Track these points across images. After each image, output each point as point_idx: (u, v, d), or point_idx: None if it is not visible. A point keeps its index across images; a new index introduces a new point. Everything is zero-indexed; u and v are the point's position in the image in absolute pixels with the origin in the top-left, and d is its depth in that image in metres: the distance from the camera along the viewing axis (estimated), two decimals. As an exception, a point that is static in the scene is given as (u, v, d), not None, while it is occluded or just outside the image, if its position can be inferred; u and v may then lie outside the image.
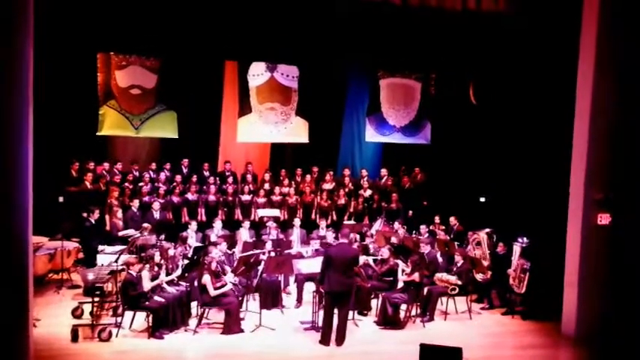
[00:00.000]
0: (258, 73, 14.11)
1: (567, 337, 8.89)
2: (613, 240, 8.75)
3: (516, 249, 10.13)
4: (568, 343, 8.76)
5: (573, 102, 9.04)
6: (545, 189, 11.16)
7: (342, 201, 13.62)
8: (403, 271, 9.49)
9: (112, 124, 13.33)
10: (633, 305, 8.64)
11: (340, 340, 8.30)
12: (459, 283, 9.75)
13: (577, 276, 8.87)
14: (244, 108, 14.09)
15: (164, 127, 13.68)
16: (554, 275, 9.41)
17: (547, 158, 11.13)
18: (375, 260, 10.19)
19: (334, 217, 13.44)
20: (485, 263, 10.61)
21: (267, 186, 13.45)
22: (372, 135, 15.07)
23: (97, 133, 13.29)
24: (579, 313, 8.85)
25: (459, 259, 10.06)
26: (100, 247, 10.11)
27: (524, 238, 10.19)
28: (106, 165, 13.12)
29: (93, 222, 11.26)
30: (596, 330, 8.65)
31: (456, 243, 11.47)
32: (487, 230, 11.07)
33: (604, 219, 8.78)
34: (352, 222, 13.09)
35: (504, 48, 12.50)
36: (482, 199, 14.10)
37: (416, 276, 9.20)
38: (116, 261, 9.04)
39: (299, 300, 10.17)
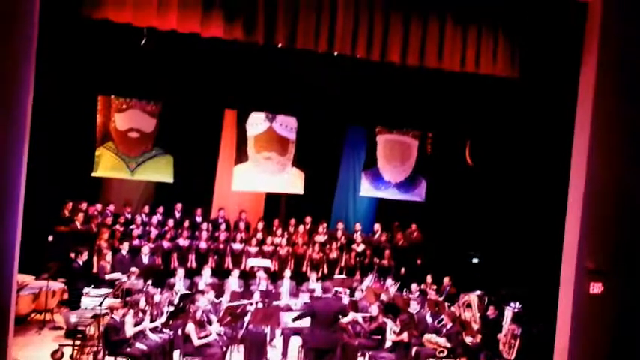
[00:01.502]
0: (256, 123, 14.20)
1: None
2: (605, 309, 8.65)
3: (508, 314, 9.99)
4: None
5: (568, 168, 9.09)
6: (538, 254, 11.12)
7: (334, 254, 13.51)
8: (392, 330, 9.33)
9: (107, 165, 13.32)
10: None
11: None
12: (448, 345, 9.58)
13: (567, 344, 8.72)
14: (241, 156, 14.11)
15: (160, 171, 13.66)
16: (545, 342, 9.27)
17: (541, 223, 11.12)
18: (363, 317, 10.03)
19: (325, 270, 13.30)
20: (475, 326, 10.46)
21: (259, 235, 13.36)
22: (367, 189, 15.09)
23: (92, 174, 13.26)
24: (569, 382, 8.67)
25: (447, 321, 9.91)
26: (86, 290, 9.96)
27: (517, 303, 10.08)
28: (99, 206, 13.05)
29: (81, 263, 11.14)
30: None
31: (446, 304, 11.34)
32: (478, 292, 10.96)
33: (596, 288, 8.70)
34: (343, 276, 12.94)
35: (502, 110, 12.68)
36: (475, 260, 14.03)
37: (405, 336, 9.06)
38: (100, 304, 8.88)
39: (284, 354, 9.95)
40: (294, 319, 8.39)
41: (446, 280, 12.30)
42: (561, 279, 8.95)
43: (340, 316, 8.64)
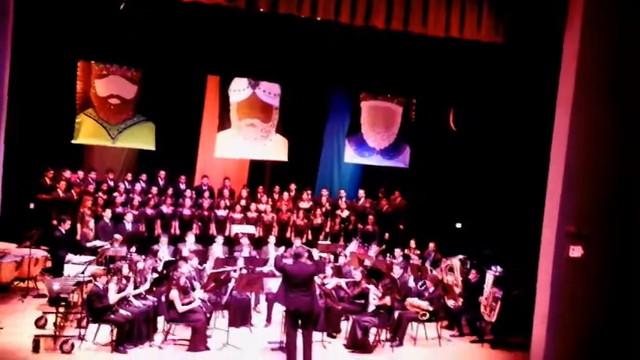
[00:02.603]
0: (239, 89, 14.08)
1: (535, 368, 8.86)
2: (585, 272, 8.79)
3: (489, 277, 10.13)
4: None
5: (550, 133, 9.13)
6: (520, 218, 11.23)
7: (318, 220, 13.56)
8: (375, 295, 9.42)
9: (88, 132, 13.17)
10: (602, 338, 8.67)
11: (308, 361, 8.19)
12: (430, 309, 9.70)
13: (547, 307, 8.87)
14: (224, 123, 14.01)
15: (141, 139, 13.55)
16: (525, 305, 9.42)
17: (523, 188, 11.20)
18: (347, 283, 10.12)
19: (309, 236, 13.36)
20: (457, 290, 10.61)
21: (243, 202, 13.35)
22: (351, 156, 15.09)
23: (73, 141, 13.12)
24: (548, 344, 8.83)
25: (429, 285, 10.02)
26: (68, 257, 9.92)
27: (498, 267, 10.21)
28: (80, 173, 12.95)
29: (63, 231, 11.11)
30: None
31: (430, 269, 11.47)
32: (460, 257, 11.09)
33: (576, 251, 8.81)
34: (327, 242, 13.02)
35: (485, 76, 12.64)
36: (459, 225, 14.15)
37: (387, 300, 9.15)
38: (83, 272, 8.87)
39: (268, 319, 10.05)
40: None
41: (431, 245, 12.41)
42: (542, 242, 9.05)
43: (315, 279, 8.67)
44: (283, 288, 8.25)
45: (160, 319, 8.98)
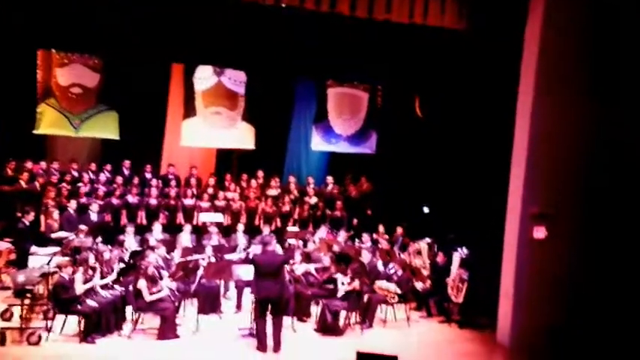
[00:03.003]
0: (204, 77, 13.93)
1: (502, 346, 9.07)
2: (548, 253, 9.00)
3: (456, 259, 10.31)
4: (503, 351, 8.93)
5: (514, 118, 9.29)
6: (485, 201, 11.41)
7: (286, 207, 13.56)
8: (343, 282, 9.47)
9: (50, 122, 12.90)
10: (566, 316, 8.90)
11: (277, 347, 8.24)
12: (399, 291, 9.83)
13: (512, 287, 9.08)
14: (189, 111, 13.87)
15: (105, 128, 13.33)
16: (491, 286, 9.62)
17: (488, 171, 11.38)
18: (316, 268, 10.17)
19: (278, 224, 13.36)
20: (425, 272, 10.77)
21: (210, 190, 13.27)
22: (318, 143, 15.11)
23: (34, 131, 12.85)
24: (514, 322, 9.05)
25: (398, 269, 10.14)
26: (33, 249, 9.76)
27: (464, 249, 10.39)
28: (43, 164, 12.70)
29: (27, 223, 10.89)
30: (530, 339, 8.85)
31: (398, 252, 11.59)
32: (428, 240, 11.24)
33: (540, 232, 9.02)
34: (296, 229, 13.05)
35: (450, 62, 12.76)
36: (426, 210, 14.31)
37: (356, 284, 9.23)
38: (48, 263, 8.75)
39: (238, 306, 10.06)
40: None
41: (399, 230, 12.53)
42: (506, 224, 9.26)
43: (285, 267, 8.73)
44: (254, 276, 8.30)
45: (129, 309, 8.91)
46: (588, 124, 9.05)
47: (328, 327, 9.14)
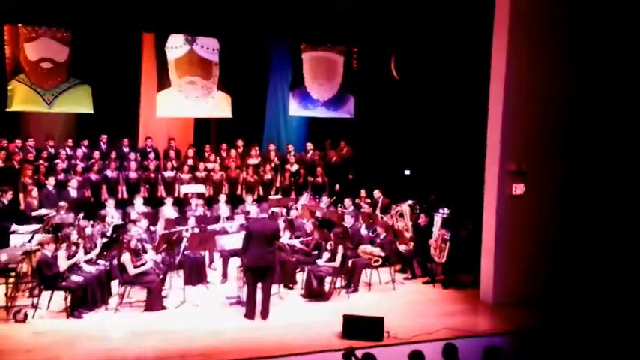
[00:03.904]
0: (176, 46, 13.72)
1: (485, 304, 9.23)
2: (527, 209, 9.14)
3: (437, 220, 10.41)
4: (486, 309, 9.10)
5: (489, 75, 9.31)
6: (464, 161, 11.51)
7: (268, 176, 13.55)
8: (327, 258, 9.51)
9: (22, 99, 12.66)
10: (545, 269, 9.09)
11: (265, 314, 8.31)
12: (383, 254, 9.91)
13: (493, 244, 9.22)
14: (163, 82, 13.67)
15: (78, 102, 13.11)
16: (473, 245, 9.75)
17: (465, 130, 11.45)
18: (300, 242, 10.17)
19: (260, 193, 13.35)
20: (408, 235, 10.87)
21: (190, 162, 13.19)
22: (295, 109, 15.04)
23: (7, 109, 12.61)
24: (496, 280, 9.21)
25: (381, 232, 10.22)
26: (14, 227, 9.67)
27: (445, 209, 10.48)
28: (19, 142, 12.49)
29: (6, 202, 10.74)
30: (513, 296, 9.03)
31: (380, 216, 11.67)
32: (409, 202, 11.32)
33: (518, 189, 9.14)
34: (278, 197, 13.05)
35: (424, 22, 12.70)
36: (407, 172, 14.39)
37: (340, 249, 9.29)
38: (30, 241, 8.69)
39: (224, 275, 10.10)
40: (242, 248, 8.46)
41: (376, 192, 12.57)
42: (485, 182, 9.35)
43: (277, 236, 8.76)
44: (245, 244, 8.33)
45: (114, 283, 8.90)
46: (563, 78, 9.11)
47: (314, 292, 9.22)
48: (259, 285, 8.34)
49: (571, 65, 9.10)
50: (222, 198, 12.04)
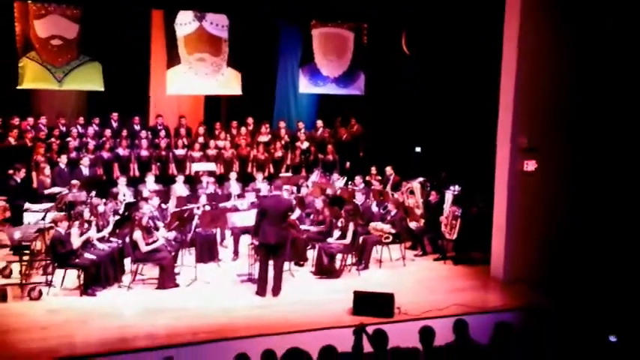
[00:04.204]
0: (185, 22, 13.65)
1: (496, 280, 9.24)
2: (538, 185, 9.09)
3: (448, 196, 10.39)
4: (497, 285, 9.11)
5: (501, 50, 9.20)
6: (475, 137, 11.43)
7: (278, 153, 13.53)
8: (338, 236, 9.54)
9: (33, 76, 12.68)
10: (556, 247, 9.06)
11: (276, 291, 8.37)
12: (393, 231, 9.91)
13: (504, 221, 9.19)
14: (173, 59, 13.64)
15: (89, 80, 13.11)
16: (484, 222, 9.73)
17: (477, 107, 11.34)
18: (313, 220, 10.18)
19: (271, 170, 13.35)
20: (419, 212, 10.87)
21: (201, 140, 13.20)
22: (305, 86, 14.97)
23: (18, 87, 12.64)
24: (507, 256, 9.21)
25: (391, 208, 10.21)
26: (27, 205, 9.76)
27: (456, 186, 10.45)
28: (31, 120, 12.54)
29: (19, 180, 10.85)
30: (524, 272, 9.02)
31: (391, 192, 11.66)
32: (420, 179, 11.29)
33: (530, 165, 9.08)
34: (289, 174, 13.06)
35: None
36: (418, 149, 14.33)
37: (351, 226, 9.30)
38: (43, 219, 8.76)
39: (235, 253, 10.16)
40: (255, 226, 8.51)
41: (388, 169, 12.54)
42: (497, 159, 9.29)
43: (288, 214, 8.78)
44: (258, 221, 8.35)
45: (127, 261, 8.98)
46: (576, 55, 8.99)
47: (325, 269, 9.26)
48: (271, 262, 8.39)
49: (585, 39, 8.96)
50: (233, 175, 12.06)
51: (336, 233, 9.54)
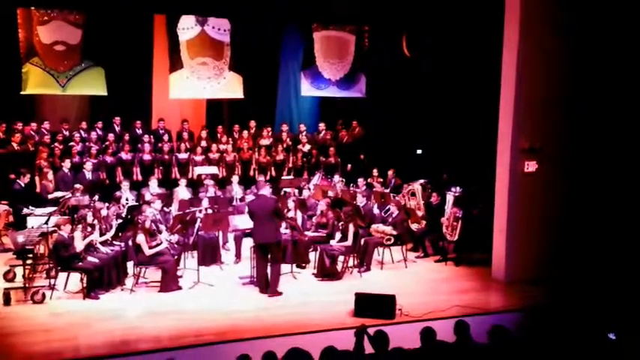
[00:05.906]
0: (187, 27, 13.73)
1: (497, 281, 9.26)
2: (539, 187, 9.11)
3: (449, 198, 10.41)
4: (498, 286, 9.12)
5: (501, 52, 9.23)
6: (475, 139, 11.45)
7: (280, 156, 13.57)
8: (339, 238, 9.58)
9: (36, 82, 12.76)
10: (556, 247, 9.07)
11: (270, 291, 8.43)
12: (395, 233, 9.95)
13: (505, 222, 9.21)
14: (175, 63, 13.72)
15: (92, 85, 13.19)
16: (485, 223, 9.75)
17: (478, 109, 11.37)
18: (316, 223, 10.23)
19: (273, 173, 13.40)
20: (420, 213, 10.88)
21: (204, 143, 13.25)
22: (307, 89, 15.02)
23: (21, 92, 12.72)
24: (508, 258, 9.23)
25: (393, 210, 10.24)
26: (30, 209, 9.82)
27: (457, 188, 10.47)
28: (34, 125, 12.62)
29: (22, 185, 10.92)
30: (525, 273, 9.04)
31: (392, 195, 11.68)
32: (421, 181, 11.31)
33: (530, 167, 9.11)
34: (291, 177, 13.10)
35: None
36: (419, 152, 14.35)
37: (351, 227, 9.34)
38: (46, 223, 8.81)
39: (238, 256, 10.20)
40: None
41: (390, 172, 12.59)
42: (497, 160, 9.32)
43: (277, 213, 8.82)
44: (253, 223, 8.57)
45: (130, 264, 9.03)
46: (576, 55, 9.02)
47: (327, 271, 9.30)
48: (269, 263, 8.50)
49: (585, 41, 8.99)
50: (235, 179, 12.12)
51: (338, 235, 9.58)
